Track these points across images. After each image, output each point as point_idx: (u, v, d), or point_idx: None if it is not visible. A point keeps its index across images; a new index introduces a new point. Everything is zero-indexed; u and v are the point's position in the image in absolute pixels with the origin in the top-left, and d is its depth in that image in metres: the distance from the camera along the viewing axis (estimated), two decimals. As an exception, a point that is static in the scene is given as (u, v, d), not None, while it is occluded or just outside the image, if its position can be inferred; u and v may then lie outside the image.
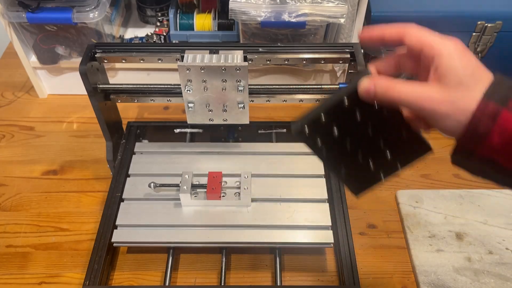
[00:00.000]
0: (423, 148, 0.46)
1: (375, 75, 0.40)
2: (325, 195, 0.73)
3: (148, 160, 0.79)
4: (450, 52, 0.37)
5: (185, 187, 0.70)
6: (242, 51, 0.68)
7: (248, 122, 0.74)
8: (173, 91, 0.73)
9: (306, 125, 0.42)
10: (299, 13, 0.79)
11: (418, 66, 0.39)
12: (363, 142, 0.44)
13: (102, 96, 0.73)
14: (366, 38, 0.40)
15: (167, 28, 0.97)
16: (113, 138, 0.79)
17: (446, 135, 0.37)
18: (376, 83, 0.38)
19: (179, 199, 0.71)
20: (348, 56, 0.69)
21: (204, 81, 0.67)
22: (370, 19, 0.92)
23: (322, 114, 0.42)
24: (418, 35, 0.38)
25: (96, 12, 0.83)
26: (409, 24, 0.38)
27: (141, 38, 0.97)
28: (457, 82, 0.35)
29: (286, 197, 0.73)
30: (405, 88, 0.37)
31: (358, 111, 0.42)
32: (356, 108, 0.41)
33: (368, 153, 0.45)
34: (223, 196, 0.72)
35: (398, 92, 0.37)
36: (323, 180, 0.76)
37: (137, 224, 0.71)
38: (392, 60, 0.41)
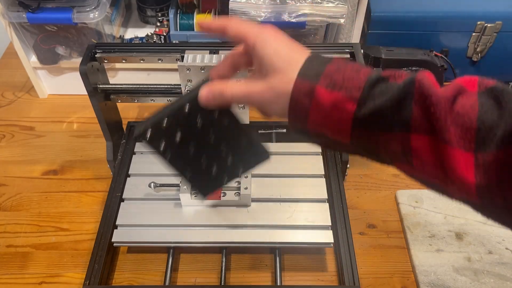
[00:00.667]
0: (262, 156, 0.49)
1: (212, 81, 0.42)
2: (325, 195, 0.73)
3: (148, 160, 0.79)
4: (263, 39, 0.39)
5: (185, 187, 0.70)
6: (242, 51, 0.68)
7: (248, 122, 0.74)
8: (173, 91, 0.73)
9: (149, 129, 0.44)
10: (299, 13, 0.79)
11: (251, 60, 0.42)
12: (206, 148, 0.46)
13: (102, 96, 0.73)
14: (201, 25, 0.43)
15: (167, 28, 0.97)
16: (113, 138, 0.79)
17: (279, 118, 0.40)
18: (211, 89, 0.41)
19: (179, 199, 0.71)
20: (348, 56, 0.69)
21: (204, 81, 0.67)
22: (370, 19, 0.92)
23: (164, 118, 0.44)
24: (236, 27, 0.40)
25: (96, 12, 0.83)
26: (232, 17, 0.41)
27: (141, 38, 0.97)
28: (273, 69, 0.38)
29: (286, 197, 0.73)
30: (235, 87, 0.40)
31: (200, 117, 0.43)
32: (198, 114, 0.43)
33: (211, 158, 0.47)
34: (223, 196, 0.72)
35: (230, 92, 0.40)
36: (323, 180, 0.76)
37: (137, 224, 0.71)
38: (228, 61, 0.44)
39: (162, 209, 0.72)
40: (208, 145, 0.46)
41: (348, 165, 0.80)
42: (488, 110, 0.32)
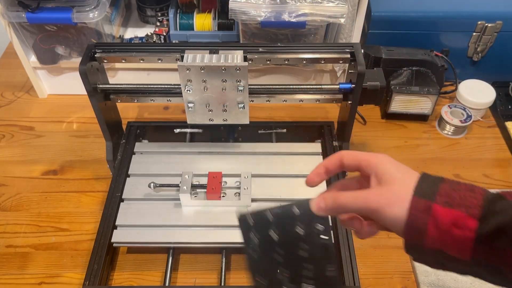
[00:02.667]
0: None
1: (323, 192, 0.45)
2: (325, 195, 0.73)
3: (148, 160, 0.79)
4: (383, 160, 0.42)
5: (185, 187, 0.70)
6: (242, 51, 0.68)
7: (248, 122, 0.74)
8: (173, 91, 0.73)
9: (251, 215, 0.45)
10: (299, 13, 0.79)
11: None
12: (291, 260, 0.45)
13: (102, 96, 0.73)
14: (314, 180, 0.47)
15: (167, 28, 0.97)
16: (113, 138, 0.79)
17: (393, 230, 0.41)
18: (324, 196, 0.43)
19: (179, 199, 0.71)
20: (348, 56, 0.69)
21: (204, 81, 0.67)
22: (370, 19, 0.92)
23: (269, 212, 0.45)
24: (352, 156, 0.44)
25: (96, 12, 0.83)
26: (341, 151, 0.45)
27: (141, 38, 0.97)
28: (392, 178, 0.40)
29: (286, 197, 0.73)
30: (350, 194, 0.42)
31: (300, 226, 0.44)
32: (298, 223, 0.44)
33: (291, 273, 0.45)
34: (223, 196, 0.72)
35: (345, 198, 0.42)
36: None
37: (137, 224, 0.71)
38: (354, 180, 0.47)
39: (162, 209, 0.72)
40: (292, 258, 0.45)
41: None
42: None
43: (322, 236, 0.45)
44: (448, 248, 0.37)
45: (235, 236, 0.69)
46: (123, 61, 0.70)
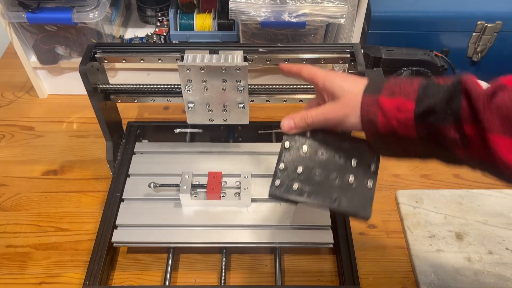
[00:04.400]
0: (362, 208, 0.50)
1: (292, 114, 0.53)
2: (325, 195, 0.73)
3: (148, 160, 0.79)
4: (329, 76, 0.50)
5: (185, 187, 0.70)
6: (242, 51, 0.68)
7: (248, 122, 0.74)
8: (173, 91, 0.73)
9: (276, 184, 0.50)
10: (299, 13, 0.79)
11: None
12: (330, 167, 0.51)
13: (102, 96, 0.73)
14: (282, 68, 0.56)
15: (167, 28, 0.97)
16: (113, 138, 0.79)
17: (356, 131, 0.49)
18: (293, 116, 0.51)
19: (179, 199, 0.71)
20: (348, 56, 0.69)
21: (204, 81, 0.67)
22: (370, 19, 0.92)
23: (282, 164, 0.51)
24: (308, 70, 0.53)
25: (96, 12, 0.83)
26: (303, 65, 0.54)
27: (141, 38, 0.97)
28: (342, 91, 0.48)
29: (286, 197, 0.73)
30: (314, 112, 0.50)
31: (304, 145, 0.52)
32: (300, 144, 0.52)
33: (341, 174, 0.51)
34: (223, 196, 0.72)
35: (311, 116, 0.50)
36: (323, 180, 0.75)
37: (137, 224, 0.71)
38: (314, 101, 0.55)
39: (162, 209, 0.72)
40: (329, 164, 0.51)
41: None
42: None
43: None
44: (398, 129, 0.44)
45: (235, 236, 0.69)
46: (123, 61, 0.70)
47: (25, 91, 1.03)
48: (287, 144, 0.52)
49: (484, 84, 0.42)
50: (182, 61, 0.66)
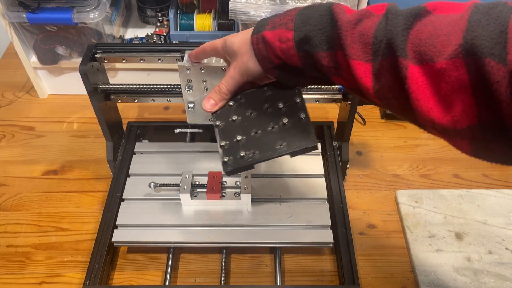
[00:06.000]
0: (308, 141, 0.51)
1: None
2: (325, 195, 0.73)
3: (148, 160, 0.80)
4: (227, 38, 0.52)
5: (185, 187, 0.70)
6: (242, 51, 0.68)
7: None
8: (173, 91, 0.74)
9: (223, 158, 0.53)
10: (299, 13, 0.79)
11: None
12: (263, 121, 0.53)
13: (103, 96, 0.73)
14: (192, 56, 0.61)
15: (167, 28, 0.97)
16: (114, 138, 0.79)
17: (263, 75, 0.50)
18: (210, 96, 0.55)
19: (179, 199, 0.71)
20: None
21: (204, 81, 0.67)
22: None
23: (220, 142, 0.54)
24: (209, 44, 0.56)
25: (97, 13, 0.83)
26: (204, 44, 0.57)
27: (141, 38, 0.97)
28: (236, 45, 0.50)
29: (286, 197, 0.73)
30: (223, 80, 0.53)
31: (232, 115, 0.54)
32: (227, 116, 0.55)
33: (274, 121, 0.52)
34: (223, 196, 0.72)
35: (223, 85, 0.53)
36: (323, 180, 0.76)
37: (137, 224, 0.71)
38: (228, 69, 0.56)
39: (162, 209, 0.72)
40: (265, 115, 0.53)
41: (348, 165, 0.80)
42: (381, 26, 0.39)
43: (296, 100, 0.53)
44: (285, 60, 0.46)
45: (235, 236, 0.69)
46: (123, 61, 0.70)
47: (26, 91, 1.03)
48: (217, 122, 0.54)
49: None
50: (182, 61, 0.66)
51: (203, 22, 0.95)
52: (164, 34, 0.96)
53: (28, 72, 0.96)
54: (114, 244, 0.69)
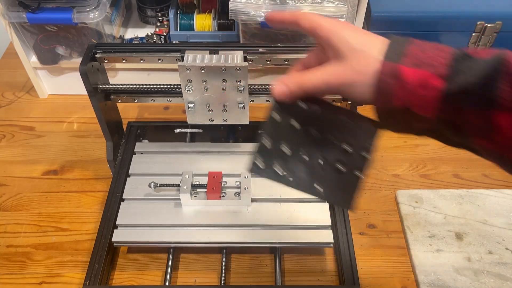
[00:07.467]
0: (371, 126, 0.43)
1: (285, 75, 0.42)
2: (325, 195, 0.73)
3: (148, 160, 0.80)
4: (338, 27, 0.39)
5: (185, 187, 0.70)
6: (242, 51, 0.68)
7: (248, 122, 0.74)
8: (173, 91, 0.73)
9: (256, 159, 0.42)
10: (299, 13, 0.79)
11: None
12: (319, 149, 0.43)
13: (103, 96, 0.73)
14: (269, 18, 0.43)
15: (167, 28, 0.97)
16: (114, 138, 0.79)
17: (364, 103, 0.39)
18: (285, 81, 0.41)
19: (179, 199, 0.71)
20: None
21: (204, 81, 0.67)
22: (370, 19, 0.92)
23: (264, 141, 0.42)
24: (310, 18, 0.41)
25: (97, 13, 0.83)
26: (304, 11, 0.42)
27: (141, 38, 0.97)
28: (351, 50, 0.38)
29: (286, 197, 0.73)
30: (312, 74, 0.40)
31: (294, 120, 0.42)
32: (290, 117, 0.42)
33: (330, 157, 0.43)
34: (223, 196, 0.72)
35: (308, 80, 0.40)
36: (323, 180, 0.76)
37: (137, 224, 0.71)
38: (313, 54, 0.44)
39: (162, 209, 0.72)
40: (319, 146, 0.43)
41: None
42: None
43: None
44: (414, 107, 0.37)
45: (236, 236, 0.69)
46: (123, 61, 0.70)
47: (26, 91, 1.03)
48: (276, 116, 0.42)
49: None
50: (182, 61, 0.66)
51: (203, 22, 0.95)
52: (164, 34, 0.96)
53: (28, 72, 0.96)
54: (114, 244, 0.69)
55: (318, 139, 0.43)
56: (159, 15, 0.99)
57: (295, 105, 0.42)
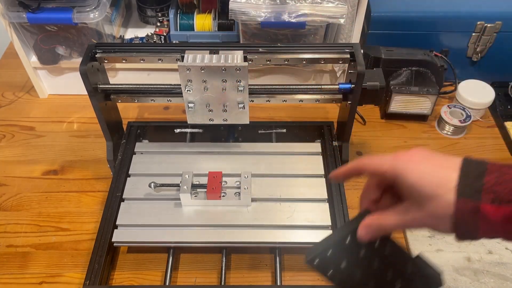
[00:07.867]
0: (433, 280, 0.44)
1: (367, 218, 0.43)
2: (325, 195, 0.73)
3: (148, 160, 0.80)
4: (403, 168, 0.39)
5: (185, 187, 0.70)
6: (242, 51, 0.68)
7: (248, 122, 0.74)
8: (173, 91, 0.74)
9: (316, 258, 0.47)
10: (299, 13, 0.79)
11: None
12: (371, 274, 0.45)
13: (103, 96, 0.73)
14: (336, 176, 0.47)
15: (167, 28, 0.97)
16: (114, 138, 0.79)
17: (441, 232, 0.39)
18: (369, 225, 0.42)
19: (179, 199, 0.71)
20: (348, 56, 0.70)
21: (204, 81, 0.67)
22: (370, 19, 0.92)
23: (329, 249, 0.45)
24: (374, 165, 0.42)
25: (97, 13, 0.83)
26: (360, 158, 0.43)
27: (141, 38, 0.97)
28: (424, 196, 0.37)
29: (286, 197, 0.73)
30: (392, 219, 0.40)
31: (363, 247, 0.44)
32: (360, 245, 0.44)
33: (378, 284, 0.45)
34: (223, 196, 0.72)
35: (390, 225, 0.41)
36: (323, 180, 0.76)
37: (137, 224, 0.71)
38: (373, 184, 0.45)
39: (162, 209, 0.72)
40: (373, 272, 0.45)
41: (348, 165, 0.80)
42: None
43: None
44: (499, 236, 0.37)
45: (235, 236, 0.69)
46: (123, 61, 0.70)
47: (26, 91, 1.03)
48: (349, 241, 0.45)
49: None
50: (182, 61, 0.66)
51: (203, 22, 0.95)
52: (164, 34, 0.96)
53: (28, 72, 0.96)
54: (114, 244, 0.69)
55: (376, 268, 0.44)
56: (159, 15, 0.99)
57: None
